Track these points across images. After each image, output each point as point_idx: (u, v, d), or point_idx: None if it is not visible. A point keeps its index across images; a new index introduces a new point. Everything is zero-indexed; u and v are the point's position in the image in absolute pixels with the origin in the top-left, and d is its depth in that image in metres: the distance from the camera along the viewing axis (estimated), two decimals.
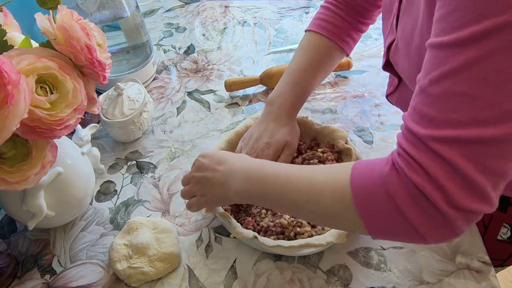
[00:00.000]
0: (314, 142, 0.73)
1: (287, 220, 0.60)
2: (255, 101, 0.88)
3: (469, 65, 0.34)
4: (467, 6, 0.34)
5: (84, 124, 0.73)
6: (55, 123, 0.46)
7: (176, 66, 1.00)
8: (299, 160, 0.69)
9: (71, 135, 0.69)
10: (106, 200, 0.72)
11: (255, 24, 1.12)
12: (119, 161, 0.78)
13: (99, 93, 0.70)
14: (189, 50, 1.05)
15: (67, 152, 0.61)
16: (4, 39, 0.46)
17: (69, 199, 0.62)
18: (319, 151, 0.69)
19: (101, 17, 0.82)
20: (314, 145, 0.72)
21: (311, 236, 0.59)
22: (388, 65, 0.62)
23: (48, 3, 0.49)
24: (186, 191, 0.59)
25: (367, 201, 0.41)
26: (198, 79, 0.95)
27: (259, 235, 0.59)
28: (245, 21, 1.14)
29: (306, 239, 0.57)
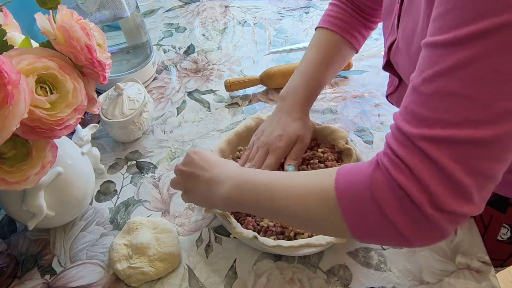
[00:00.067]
0: (314, 142, 0.73)
1: None
2: (255, 101, 0.88)
3: (464, 64, 0.33)
4: (465, 5, 0.33)
5: (84, 124, 0.73)
6: (55, 123, 0.46)
7: (176, 66, 1.00)
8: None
9: (71, 135, 0.69)
10: (106, 200, 0.72)
11: (255, 24, 1.12)
12: (119, 161, 0.78)
13: (99, 93, 0.70)
14: (189, 50, 1.05)
15: (67, 152, 0.61)
16: (4, 39, 0.46)
17: (69, 199, 0.62)
18: (319, 151, 0.69)
19: (101, 17, 0.82)
20: (314, 145, 0.72)
21: (311, 236, 0.59)
22: (388, 65, 0.62)
23: (48, 3, 0.49)
24: (175, 182, 0.60)
25: (351, 203, 0.41)
26: (198, 79, 0.95)
27: (259, 235, 0.59)
28: (245, 21, 1.14)
29: (306, 239, 0.57)
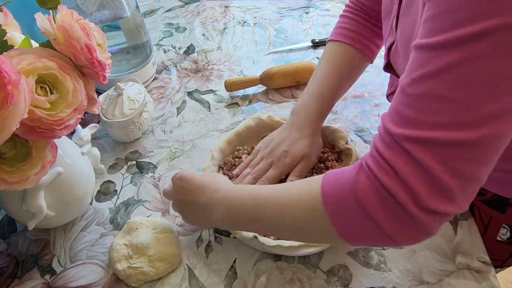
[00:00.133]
0: None
1: None
2: (255, 101, 0.88)
3: (452, 67, 0.34)
4: (454, 8, 0.33)
5: (84, 124, 0.73)
6: (55, 123, 0.46)
7: (176, 66, 1.00)
8: None
9: (71, 135, 0.69)
10: (106, 200, 0.72)
11: (255, 24, 1.12)
12: (119, 161, 0.78)
13: (99, 93, 0.70)
14: (189, 50, 1.05)
15: (67, 152, 0.61)
16: (4, 39, 0.46)
17: (69, 199, 0.62)
18: None
19: (101, 17, 0.82)
20: None
21: None
22: (389, 66, 0.62)
23: (48, 3, 0.49)
24: (173, 207, 0.60)
25: (338, 208, 0.41)
26: (198, 79, 0.95)
27: (259, 235, 0.59)
28: (245, 21, 1.14)
29: None
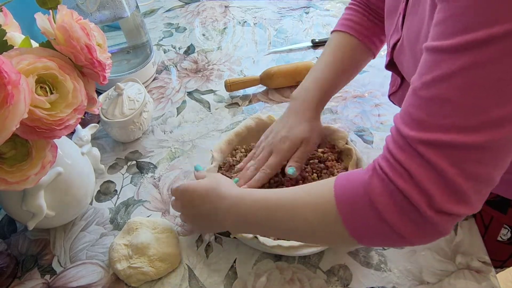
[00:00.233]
0: None
1: None
2: (255, 101, 0.88)
3: (462, 71, 0.34)
4: (465, 12, 0.34)
5: (84, 124, 0.73)
6: (55, 123, 0.46)
7: (176, 66, 1.00)
8: None
9: (71, 135, 0.69)
10: (106, 200, 0.72)
11: (255, 24, 1.12)
12: (119, 161, 0.78)
13: (99, 93, 0.70)
14: (189, 50, 1.05)
15: (67, 152, 0.61)
16: (4, 39, 0.46)
17: (69, 199, 0.62)
18: (319, 151, 0.69)
19: (101, 17, 0.82)
20: None
21: None
22: (391, 65, 0.62)
23: (48, 3, 0.49)
24: (184, 219, 0.60)
25: (351, 211, 0.42)
26: (198, 79, 0.95)
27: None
28: (245, 21, 1.14)
29: None
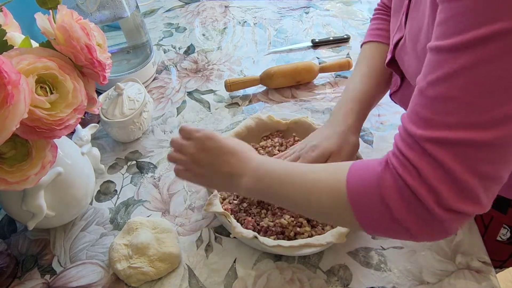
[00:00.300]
0: None
1: (287, 220, 0.60)
2: (255, 101, 0.88)
3: (465, 70, 0.35)
4: (466, 11, 0.34)
5: (84, 124, 0.73)
6: (55, 123, 0.46)
7: (176, 66, 1.00)
8: None
9: (71, 135, 0.69)
10: (106, 200, 0.72)
11: (255, 24, 1.12)
12: (119, 161, 0.78)
13: (99, 93, 0.70)
14: (189, 50, 1.05)
15: (67, 152, 0.61)
16: (4, 39, 0.46)
17: (69, 199, 0.62)
18: None
19: (101, 17, 0.82)
20: None
21: (311, 236, 0.59)
22: (392, 62, 0.62)
23: (48, 3, 0.49)
24: (175, 159, 0.55)
25: (361, 200, 0.42)
26: (198, 79, 0.95)
27: (259, 235, 0.59)
28: (245, 21, 1.14)
29: (306, 239, 0.58)
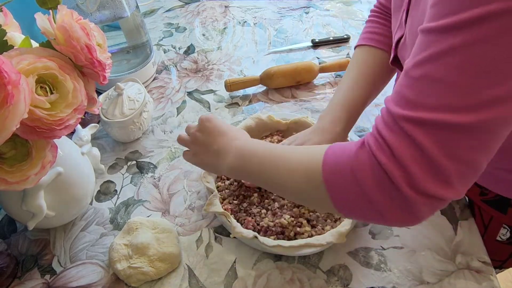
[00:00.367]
0: None
1: (287, 220, 0.60)
2: (255, 101, 0.88)
3: (452, 51, 0.34)
4: None
5: (84, 124, 0.73)
6: (55, 123, 0.46)
7: (176, 66, 1.00)
8: None
9: (71, 135, 0.69)
10: (106, 200, 0.72)
11: (255, 24, 1.12)
12: (119, 161, 0.78)
13: (99, 93, 0.70)
14: (189, 50, 1.05)
15: (67, 152, 0.61)
16: (4, 39, 0.46)
17: (69, 199, 0.62)
18: None
19: (101, 17, 0.82)
20: None
21: (311, 236, 0.59)
22: (395, 60, 0.62)
23: (48, 3, 0.49)
24: (184, 141, 0.61)
25: (334, 179, 0.42)
26: (198, 79, 0.95)
27: (259, 235, 0.59)
28: (245, 21, 1.14)
29: (306, 239, 0.58)
